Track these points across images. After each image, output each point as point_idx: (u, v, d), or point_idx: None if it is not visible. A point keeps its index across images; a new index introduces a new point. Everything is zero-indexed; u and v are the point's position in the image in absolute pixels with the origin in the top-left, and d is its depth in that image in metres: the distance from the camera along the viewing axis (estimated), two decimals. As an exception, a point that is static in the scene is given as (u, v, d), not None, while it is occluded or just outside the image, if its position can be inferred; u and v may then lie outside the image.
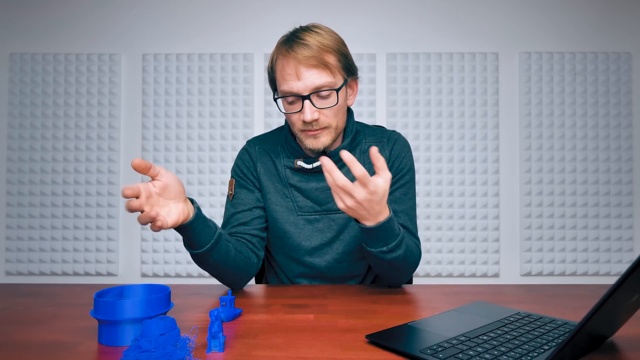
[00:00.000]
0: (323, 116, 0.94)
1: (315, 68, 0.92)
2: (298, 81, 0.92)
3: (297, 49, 0.92)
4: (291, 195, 1.04)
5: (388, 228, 0.84)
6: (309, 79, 0.92)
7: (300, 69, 0.91)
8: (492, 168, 2.21)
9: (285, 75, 0.93)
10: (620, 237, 2.19)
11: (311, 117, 0.92)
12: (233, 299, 0.76)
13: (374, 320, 0.74)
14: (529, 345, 0.59)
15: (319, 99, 0.94)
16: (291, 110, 0.96)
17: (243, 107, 2.23)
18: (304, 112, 0.92)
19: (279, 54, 0.96)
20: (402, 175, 1.05)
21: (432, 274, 2.20)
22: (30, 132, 2.22)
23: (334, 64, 0.94)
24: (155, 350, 0.52)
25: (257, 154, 1.08)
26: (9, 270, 2.21)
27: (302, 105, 0.93)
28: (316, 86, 0.92)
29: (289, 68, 0.93)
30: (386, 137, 1.08)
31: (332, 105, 0.94)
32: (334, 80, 0.94)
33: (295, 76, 0.92)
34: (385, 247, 0.86)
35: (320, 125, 0.95)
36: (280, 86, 0.96)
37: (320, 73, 0.92)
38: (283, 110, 0.97)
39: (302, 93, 0.92)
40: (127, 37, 2.26)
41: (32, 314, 0.79)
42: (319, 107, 0.93)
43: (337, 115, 0.97)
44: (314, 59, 0.91)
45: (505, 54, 2.24)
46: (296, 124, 0.96)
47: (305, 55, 0.91)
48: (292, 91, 0.93)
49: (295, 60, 0.92)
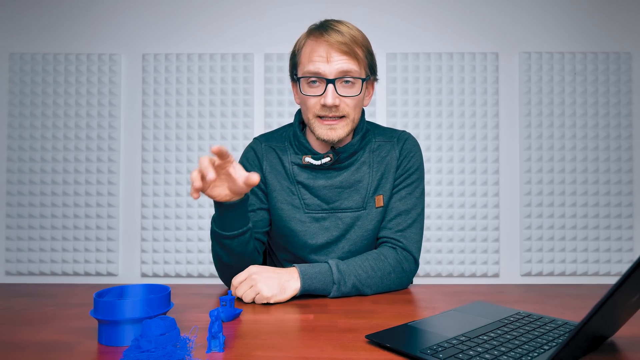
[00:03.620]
0: (343, 104, 0.94)
1: (345, 55, 0.93)
2: (327, 64, 0.93)
3: (331, 33, 0.93)
4: (298, 193, 1.03)
5: (314, 282, 0.87)
6: (337, 63, 0.92)
7: (331, 52, 0.93)
8: (492, 168, 2.21)
9: (314, 57, 0.94)
10: (620, 237, 2.19)
11: (332, 102, 0.92)
12: (233, 299, 0.76)
13: (374, 320, 0.74)
14: (529, 345, 0.59)
15: (342, 87, 0.94)
16: (312, 93, 0.95)
17: (243, 107, 2.23)
18: (326, 95, 0.92)
19: (309, 38, 0.97)
20: (409, 174, 1.04)
21: (432, 274, 2.20)
22: (30, 132, 2.22)
23: (362, 57, 0.96)
24: (155, 350, 0.52)
25: (263, 151, 1.07)
26: (9, 270, 2.21)
27: (325, 89, 0.93)
28: (344, 71, 0.93)
29: (320, 50, 0.93)
30: (396, 136, 1.08)
31: (354, 94, 0.95)
32: (359, 71, 0.95)
33: (325, 58, 0.93)
34: (335, 288, 0.88)
35: (339, 113, 0.94)
36: (305, 67, 0.95)
37: (349, 60, 0.93)
38: (302, 92, 0.97)
39: (328, 76, 0.93)
40: (127, 37, 2.26)
41: (32, 314, 0.79)
42: (341, 94, 0.93)
43: (356, 108, 0.97)
44: (345, 46, 0.92)
45: (505, 54, 2.24)
46: (313, 108, 0.95)
47: (338, 41, 0.92)
48: (319, 72, 0.93)
49: (327, 43, 0.93)
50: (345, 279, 0.89)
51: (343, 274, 0.89)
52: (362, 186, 1.02)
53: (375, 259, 0.95)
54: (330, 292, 0.88)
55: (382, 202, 1.02)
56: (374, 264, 0.93)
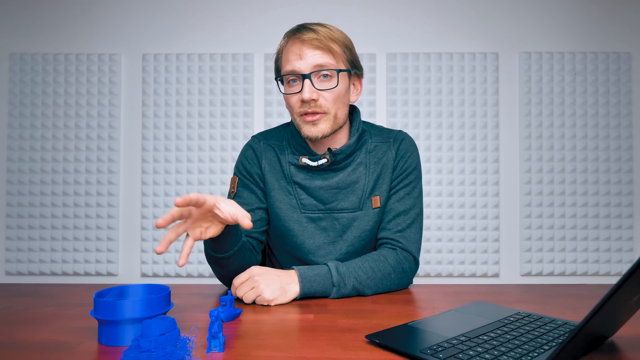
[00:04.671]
0: (322, 99, 0.95)
1: (318, 49, 0.94)
2: (300, 60, 0.94)
3: (305, 32, 0.95)
4: (295, 193, 1.03)
5: (314, 285, 0.87)
6: (311, 58, 0.94)
7: (303, 49, 0.94)
8: (492, 168, 2.21)
9: (289, 56, 0.95)
10: (620, 237, 2.19)
11: (309, 96, 0.93)
12: (233, 299, 0.76)
13: (374, 320, 0.74)
14: (529, 345, 0.59)
15: (319, 81, 0.95)
16: (291, 91, 0.96)
17: (243, 107, 2.23)
18: (303, 90, 0.93)
19: (287, 40, 0.98)
20: (406, 175, 1.04)
21: (432, 274, 2.20)
22: (30, 132, 2.22)
23: (338, 51, 0.96)
24: (155, 350, 0.52)
25: (262, 149, 1.07)
26: (9, 270, 2.21)
27: (302, 84, 0.94)
28: (317, 64, 0.94)
29: (294, 48, 0.95)
30: (392, 137, 1.07)
31: (332, 87, 0.95)
32: (335, 64, 0.96)
33: (298, 55, 0.94)
34: (334, 290, 0.89)
35: (319, 109, 0.95)
36: (283, 68, 0.97)
37: (323, 54, 0.94)
38: (283, 92, 0.99)
39: (303, 72, 0.94)
40: (127, 37, 2.26)
41: (32, 314, 0.79)
42: (318, 88, 0.94)
43: (337, 103, 0.97)
44: (318, 42, 0.94)
45: (505, 54, 2.24)
46: (295, 106, 0.97)
47: (310, 37, 0.94)
48: (294, 69, 0.94)
49: (299, 41, 0.94)
50: (345, 281, 0.89)
51: (343, 276, 0.89)
52: (358, 187, 1.02)
53: (375, 260, 0.95)
54: (330, 294, 0.89)
55: (379, 202, 1.02)
56: (374, 265, 0.93)
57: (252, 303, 0.85)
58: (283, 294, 0.85)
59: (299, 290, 0.86)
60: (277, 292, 0.84)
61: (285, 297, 0.85)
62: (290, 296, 0.85)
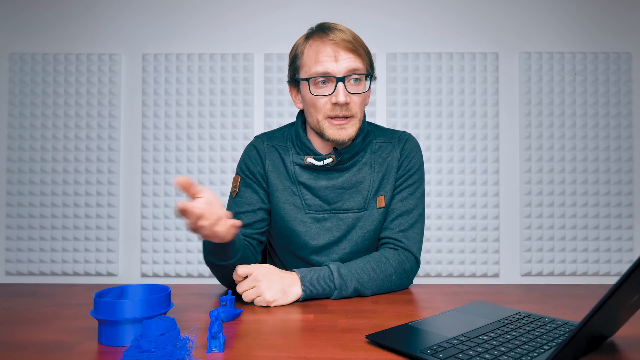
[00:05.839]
0: (352, 102, 0.95)
1: (352, 52, 0.94)
2: (335, 62, 0.93)
3: (336, 33, 0.94)
4: (300, 193, 1.03)
5: (316, 288, 0.87)
6: (346, 62, 0.93)
7: (338, 51, 0.93)
8: (492, 168, 2.21)
9: (321, 57, 0.94)
10: (620, 237, 2.19)
11: (344, 99, 0.93)
12: (233, 299, 0.76)
13: (374, 320, 0.74)
14: (529, 345, 0.59)
15: (350, 85, 0.95)
16: (321, 93, 0.95)
17: (243, 107, 2.23)
18: (337, 94, 0.93)
19: (312, 39, 0.97)
20: (410, 175, 1.04)
21: (432, 274, 2.20)
22: (30, 132, 2.22)
23: (364, 55, 0.97)
24: (155, 350, 0.52)
25: (266, 150, 1.06)
26: (9, 270, 2.21)
27: (335, 87, 0.93)
28: (352, 68, 0.94)
29: (327, 50, 0.94)
30: (397, 137, 1.08)
31: (363, 91, 0.96)
32: (364, 68, 0.96)
33: (333, 57, 0.93)
34: (336, 293, 0.89)
35: (348, 113, 0.95)
36: (312, 68, 0.95)
37: (356, 58, 0.94)
38: (312, 94, 0.96)
39: (338, 75, 0.93)
40: (127, 37, 2.26)
41: (32, 314, 0.79)
42: (350, 92, 0.94)
43: (362, 107, 0.98)
44: (351, 44, 0.94)
45: (505, 54, 2.24)
46: (323, 108, 0.95)
47: (344, 39, 0.93)
48: (328, 71, 0.93)
49: (333, 42, 0.94)
50: (347, 283, 0.89)
51: (344, 279, 0.89)
52: (363, 187, 1.02)
53: (377, 261, 0.95)
54: (331, 296, 0.89)
55: (384, 202, 1.02)
56: (375, 266, 0.93)
57: (251, 303, 0.85)
58: (284, 296, 0.85)
59: (300, 293, 0.86)
60: (278, 294, 0.84)
61: (285, 299, 0.85)
62: (291, 298, 0.85)
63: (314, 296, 0.88)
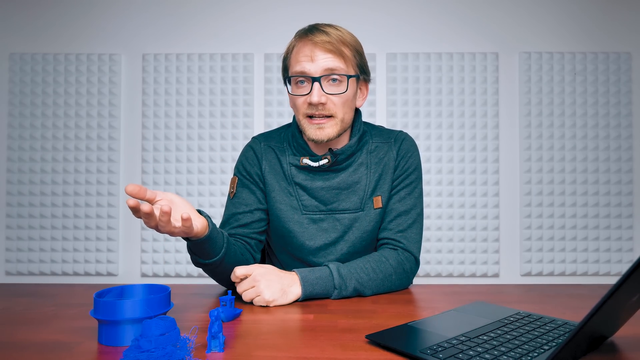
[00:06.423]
0: (330, 103, 0.95)
1: (330, 53, 0.94)
2: (311, 62, 0.93)
3: (316, 34, 0.94)
4: (296, 194, 1.03)
5: (316, 288, 0.87)
6: (322, 61, 0.93)
7: (315, 51, 0.93)
8: (492, 168, 2.21)
9: (300, 57, 0.95)
10: (620, 237, 2.19)
11: (318, 100, 0.92)
12: (233, 299, 0.76)
13: (374, 320, 0.74)
14: (529, 345, 0.59)
15: (329, 85, 0.94)
16: (299, 92, 0.96)
17: (243, 107, 2.23)
18: (312, 94, 0.93)
19: (297, 40, 0.97)
20: (407, 175, 1.04)
21: (432, 274, 2.20)
22: (30, 132, 2.22)
23: (348, 55, 0.96)
24: (155, 350, 0.52)
25: (263, 150, 1.06)
26: (9, 270, 2.21)
27: (312, 87, 0.93)
28: (329, 68, 0.93)
29: (305, 50, 0.94)
30: (393, 137, 1.07)
31: (341, 92, 0.95)
32: (346, 69, 0.95)
33: (309, 57, 0.93)
34: (336, 293, 0.89)
35: (326, 112, 0.95)
36: (292, 68, 0.97)
37: (334, 58, 0.94)
38: (290, 93, 0.98)
39: (313, 74, 0.93)
40: (127, 37, 2.26)
41: (32, 314, 0.79)
42: (327, 92, 0.94)
43: (344, 107, 0.97)
44: (330, 45, 0.93)
45: (505, 54, 2.24)
46: (301, 108, 0.96)
47: (323, 40, 0.93)
48: (304, 71, 0.94)
49: (311, 42, 0.94)
50: (347, 283, 0.89)
51: (344, 279, 0.89)
52: (359, 187, 1.02)
53: (376, 261, 0.95)
54: (331, 296, 0.89)
55: (381, 203, 1.02)
56: (375, 266, 0.93)
57: (251, 303, 0.85)
58: (283, 295, 0.84)
59: (300, 293, 0.86)
60: (278, 294, 0.84)
61: (285, 299, 0.85)
62: (290, 298, 0.85)
63: (314, 296, 0.88)
